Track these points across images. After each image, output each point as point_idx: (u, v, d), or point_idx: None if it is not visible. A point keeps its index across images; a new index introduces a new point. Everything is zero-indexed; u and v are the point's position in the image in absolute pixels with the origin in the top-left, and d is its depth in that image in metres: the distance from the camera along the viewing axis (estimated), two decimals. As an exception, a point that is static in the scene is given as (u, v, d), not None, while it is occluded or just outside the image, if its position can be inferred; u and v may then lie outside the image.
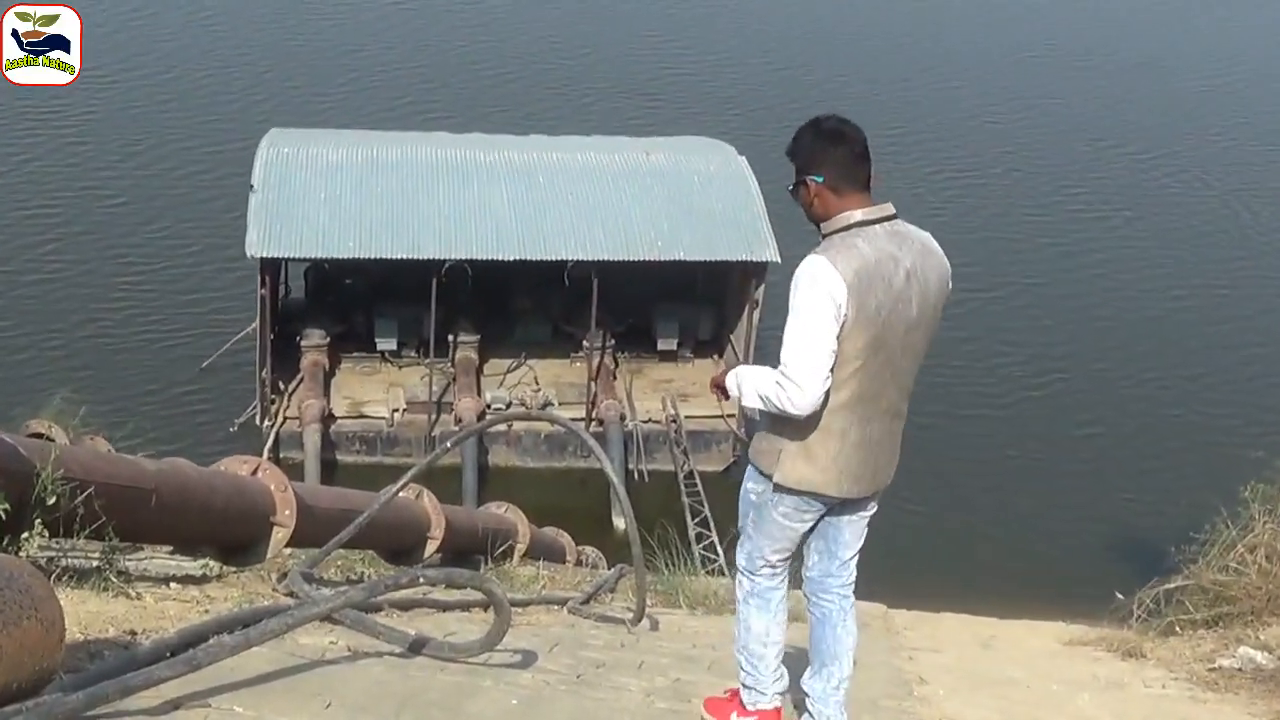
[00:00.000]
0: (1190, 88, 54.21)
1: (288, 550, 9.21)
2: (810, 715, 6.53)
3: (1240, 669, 10.68)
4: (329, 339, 31.63)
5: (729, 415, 31.04)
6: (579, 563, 15.75)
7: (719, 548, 26.34)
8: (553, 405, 30.87)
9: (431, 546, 11.29)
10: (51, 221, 37.89)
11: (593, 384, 31.34)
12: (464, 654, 6.80)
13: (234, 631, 5.70)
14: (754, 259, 30.29)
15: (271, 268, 30.43)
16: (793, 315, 5.88)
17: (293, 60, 50.00)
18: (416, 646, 6.80)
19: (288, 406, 30.62)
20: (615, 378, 32.34)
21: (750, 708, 6.58)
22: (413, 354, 32.24)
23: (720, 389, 6.40)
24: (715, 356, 33.18)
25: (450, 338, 31.90)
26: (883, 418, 6.11)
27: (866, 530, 6.44)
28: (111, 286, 35.36)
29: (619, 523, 25.24)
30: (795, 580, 6.65)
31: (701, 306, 33.49)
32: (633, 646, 8.79)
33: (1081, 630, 13.04)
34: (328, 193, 30.46)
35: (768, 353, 32.69)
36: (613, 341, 32.60)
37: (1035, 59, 55.57)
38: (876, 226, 5.98)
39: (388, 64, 50.33)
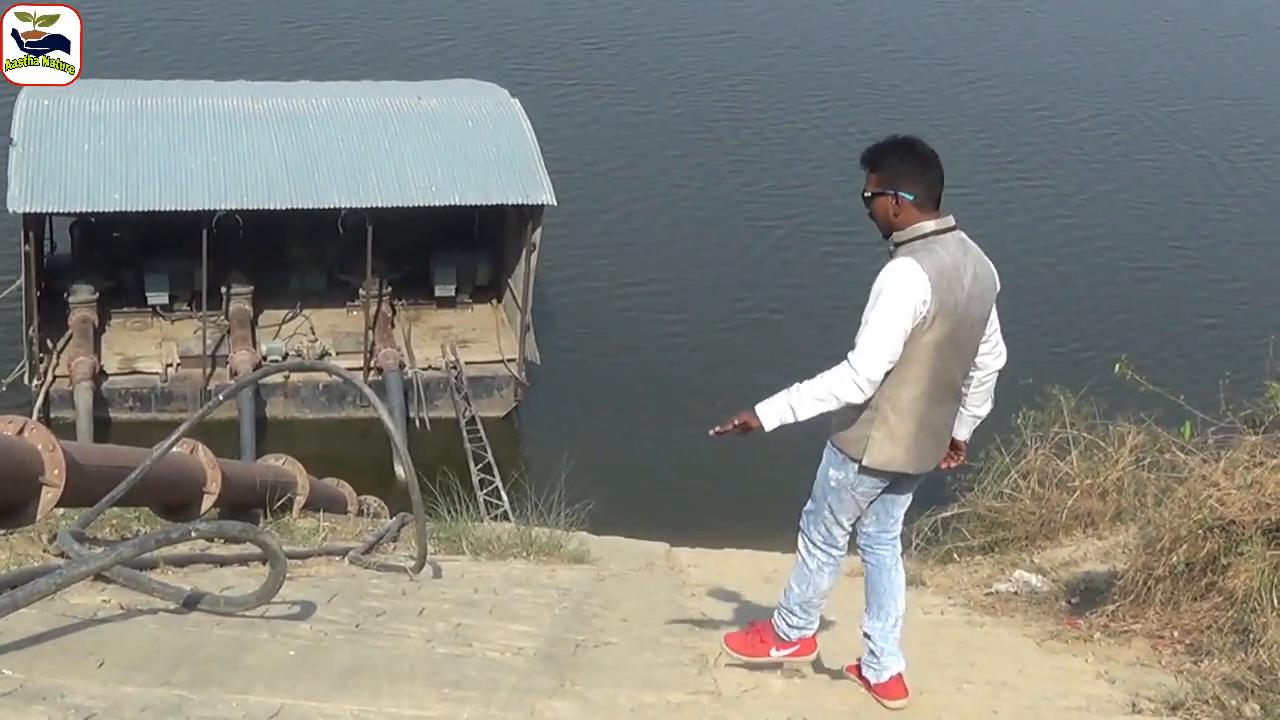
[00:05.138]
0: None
1: (60, 511, 8.98)
2: (873, 654, 7.45)
3: (1015, 592, 10.99)
4: (98, 294, 30.87)
5: (509, 360, 31.01)
6: (361, 513, 15.64)
7: (502, 493, 26.36)
8: (330, 355, 30.57)
9: (208, 501, 11.09)
10: None
11: (370, 332, 31.03)
12: (239, 607, 6.72)
13: (0, 594, 5.55)
14: (530, 202, 30.12)
15: (35, 223, 29.54)
16: (878, 306, 6.65)
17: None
18: (191, 602, 6.70)
19: (57, 365, 29.85)
20: (393, 325, 32.09)
21: (796, 638, 7.58)
22: (185, 307, 31.56)
23: (743, 427, 7.00)
24: (494, 301, 33.07)
25: (223, 290, 31.32)
26: (948, 402, 6.99)
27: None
28: None
29: (401, 471, 25.05)
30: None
31: (479, 251, 33.29)
32: (414, 594, 8.77)
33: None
34: (91, 145, 29.58)
35: (545, 298, 32.75)
36: (390, 289, 32.34)
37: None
38: (946, 235, 6.80)
39: (147, 13, 49.09)
